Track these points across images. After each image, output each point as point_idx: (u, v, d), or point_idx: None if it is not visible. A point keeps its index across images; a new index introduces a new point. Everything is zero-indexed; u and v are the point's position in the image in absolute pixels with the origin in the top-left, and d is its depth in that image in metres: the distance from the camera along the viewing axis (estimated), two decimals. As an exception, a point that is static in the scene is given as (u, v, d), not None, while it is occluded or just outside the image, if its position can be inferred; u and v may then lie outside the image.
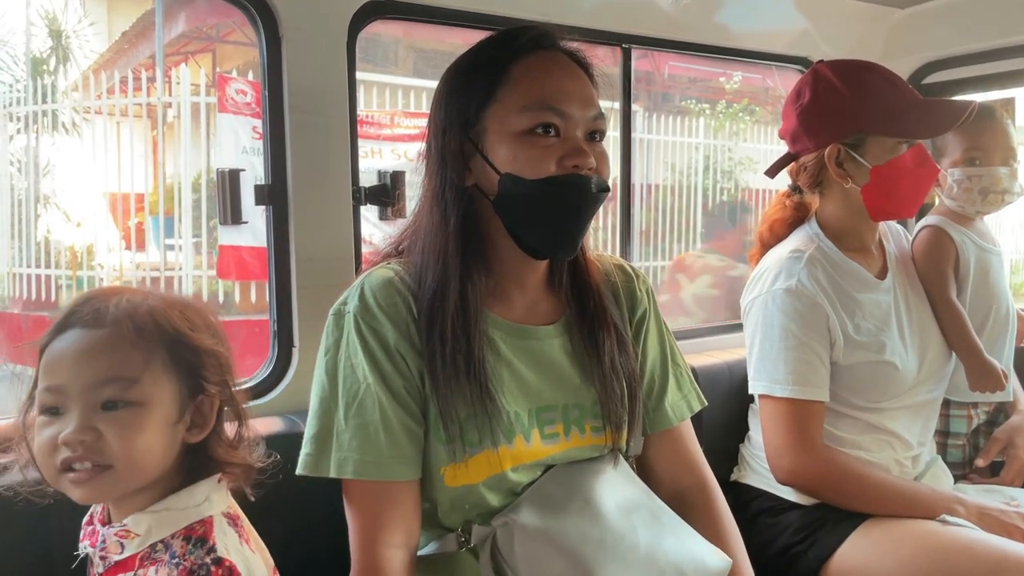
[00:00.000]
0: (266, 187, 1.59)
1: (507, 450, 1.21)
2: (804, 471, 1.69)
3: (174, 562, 1.00)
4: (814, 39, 2.35)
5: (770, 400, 1.71)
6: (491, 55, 1.23)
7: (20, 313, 7.73)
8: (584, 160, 1.18)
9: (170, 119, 7.54)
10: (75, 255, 7.77)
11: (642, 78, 9.61)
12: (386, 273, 1.24)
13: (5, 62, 8.65)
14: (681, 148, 9.07)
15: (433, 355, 1.19)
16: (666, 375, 1.42)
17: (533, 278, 1.30)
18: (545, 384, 1.27)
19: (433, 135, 1.24)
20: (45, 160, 8.03)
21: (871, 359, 1.72)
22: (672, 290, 8.16)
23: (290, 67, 1.56)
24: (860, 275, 1.78)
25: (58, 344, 1.01)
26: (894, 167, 1.70)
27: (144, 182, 7.53)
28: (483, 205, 1.23)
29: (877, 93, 1.70)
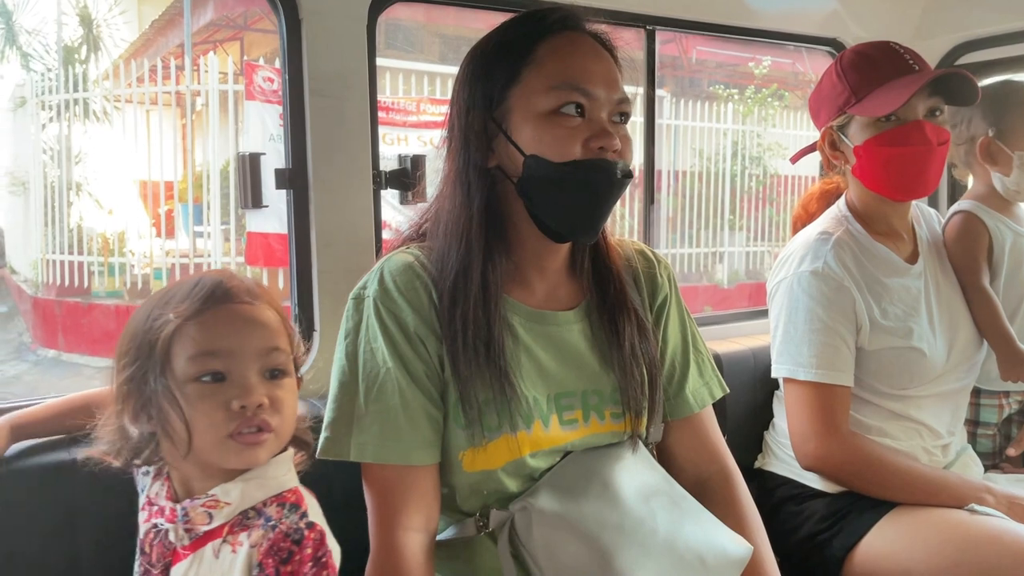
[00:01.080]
0: (287, 171, 1.59)
1: (525, 435, 1.20)
2: (829, 457, 1.66)
3: (270, 524, 1.02)
4: (844, 20, 2.30)
5: (794, 384, 1.69)
6: (516, 35, 1.22)
7: (54, 299, 7.87)
8: (610, 142, 1.16)
9: (199, 107, 7.61)
10: (107, 242, 7.87)
11: (669, 63, 9.56)
12: (406, 257, 1.23)
13: (37, 52, 8.79)
14: (709, 134, 8.99)
15: (454, 339, 1.18)
16: (687, 361, 1.41)
17: (553, 262, 1.29)
18: (564, 370, 1.27)
19: (456, 116, 1.23)
20: (77, 148, 8.14)
21: (897, 345, 1.69)
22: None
23: (310, 51, 1.56)
24: (889, 259, 1.75)
25: (218, 314, 1.03)
26: (873, 146, 1.67)
27: (173, 170, 7.60)
28: (505, 187, 1.22)
29: (859, 72, 1.69)
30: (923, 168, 1.67)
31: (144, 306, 1.07)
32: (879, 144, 1.66)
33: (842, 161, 1.76)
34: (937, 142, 1.65)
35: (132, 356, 1.03)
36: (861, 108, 1.66)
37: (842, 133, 1.73)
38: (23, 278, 8.98)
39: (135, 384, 1.02)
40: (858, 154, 1.70)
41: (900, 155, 1.65)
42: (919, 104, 1.63)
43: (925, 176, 1.68)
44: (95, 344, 7.57)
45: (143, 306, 1.07)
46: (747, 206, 9.29)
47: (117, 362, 1.05)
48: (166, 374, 1.00)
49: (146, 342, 1.02)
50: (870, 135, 1.67)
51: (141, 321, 1.04)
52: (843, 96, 1.70)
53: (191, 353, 1.00)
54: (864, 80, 1.67)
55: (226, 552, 1.01)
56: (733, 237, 9.28)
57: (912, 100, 1.61)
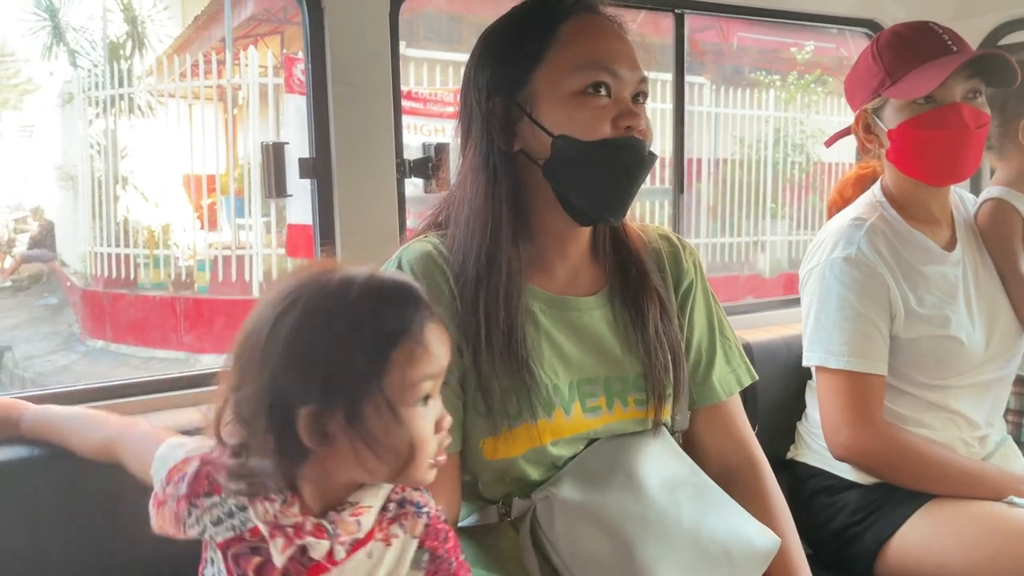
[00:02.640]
0: (310, 160, 1.60)
1: (546, 423, 1.19)
2: (862, 447, 1.63)
3: (423, 510, 1.02)
4: (882, 1, 2.24)
5: (826, 373, 1.66)
6: (536, 17, 1.21)
7: (102, 291, 8.06)
8: (636, 121, 1.17)
9: (240, 101, 7.71)
10: (152, 234, 8.03)
11: (711, 50, 9.44)
12: (424, 246, 1.23)
13: (84, 48, 8.98)
14: (751, 121, 8.87)
15: (476, 326, 1.17)
16: (713, 348, 1.38)
17: (576, 247, 1.28)
18: (586, 356, 1.25)
19: (475, 101, 1.21)
20: (123, 143, 8.31)
21: (935, 333, 1.65)
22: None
23: (333, 41, 1.56)
24: (926, 246, 1.70)
25: (434, 327, 0.94)
26: (907, 130, 1.63)
27: (216, 163, 7.72)
28: (530, 171, 1.21)
29: (895, 53, 1.64)
30: (960, 152, 1.62)
31: (320, 308, 0.89)
32: (914, 127, 1.62)
33: (876, 145, 1.72)
34: (975, 125, 1.60)
35: (336, 362, 0.88)
36: (896, 90, 1.62)
37: (877, 116, 1.69)
38: (73, 270, 9.21)
39: (329, 398, 0.88)
40: (892, 138, 1.66)
41: (936, 139, 1.61)
42: (956, 86, 1.59)
43: (962, 161, 1.63)
44: (141, 334, 7.75)
45: (318, 309, 0.89)
46: (790, 194, 9.16)
47: (288, 370, 0.88)
48: (380, 393, 0.89)
49: (358, 356, 0.89)
50: (905, 118, 1.63)
51: (346, 325, 0.89)
52: (878, 78, 1.65)
53: (420, 374, 0.92)
54: (900, 61, 1.63)
55: (378, 549, 0.99)
56: (775, 226, 9.15)
57: (949, 82, 1.56)
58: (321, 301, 0.89)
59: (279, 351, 0.88)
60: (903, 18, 1.94)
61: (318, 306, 0.89)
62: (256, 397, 0.89)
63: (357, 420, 0.88)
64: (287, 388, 0.88)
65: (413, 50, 7.07)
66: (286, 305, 0.90)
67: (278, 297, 0.91)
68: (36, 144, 11.92)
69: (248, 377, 0.90)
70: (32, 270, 10.36)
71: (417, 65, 6.92)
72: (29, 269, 10.36)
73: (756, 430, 1.85)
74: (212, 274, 7.64)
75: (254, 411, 0.90)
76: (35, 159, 11.47)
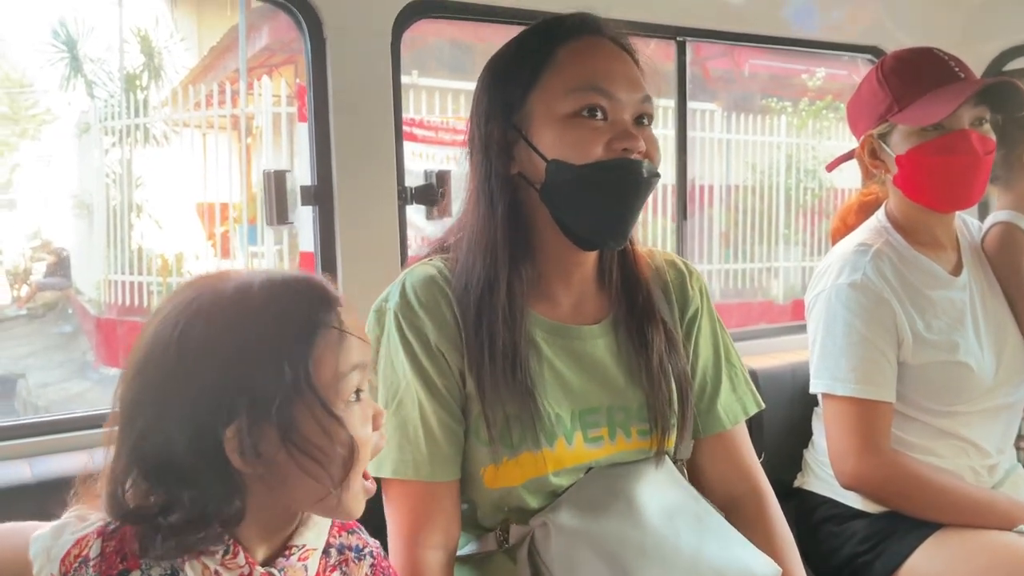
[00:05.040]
0: (312, 188, 1.61)
1: (548, 453, 1.18)
2: (869, 475, 1.61)
3: (365, 552, 0.97)
4: (885, 27, 2.25)
5: (833, 400, 1.64)
6: (534, 42, 1.21)
7: (116, 318, 8.10)
8: (634, 143, 1.15)
9: (254, 130, 7.78)
10: (165, 262, 8.09)
11: (721, 77, 9.46)
12: (428, 270, 1.23)
13: (101, 79, 9.11)
14: (762, 147, 8.87)
15: (478, 352, 1.17)
16: (719, 376, 1.37)
17: (580, 273, 1.27)
18: (588, 385, 1.24)
19: (476, 125, 1.22)
20: (138, 172, 8.40)
21: (943, 359, 1.63)
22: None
23: (334, 69, 1.58)
24: (932, 271, 1.69)
25: (349, 317, 0.87)
26: (917, 156, 1.62)
27: (229, 192, 7.78)
28: (529, 195, 1.20)
29: (901, 79, 1.64)
30: (969, 178, 1.62)
31: (218, 320, 0.81)
32: (924, 154, 1.61)
33: (882, 170, 1.71)
34: (983, 151, 1.60)
35: (244, 377, 0.80)
36: (905, 116, 1.62)
37: (883, 141, 1.68)
38: (87, 298, 9.27)
39: (255, 411, 0.80)
40: (901, 164, 1.65)
41: (946, 165, 1.61)
42: (964, 113, 1.59)
43: (971, 186, 1.63)
44: (154, 362, 7.75)
45: (217, 320, 0.81)
46: (802, 220, 9.13)
47: (194, 390, 0.79)
48: (313, 393, 0.82)
49: (278, 362, 0.81)
50: (914, 144, 1.62)
51: (246, 336, 0.81)
52: (885, 103, 1.65)
53: (348, 363, 0.84)
54: (907, 87, 1.63)
55: None
56: (788, 252, 9.11)
57: (958, 109, 1.56)
58: (225, 309, 0.81)
59: (187, 372, 0.79)
60: (908, 44, 1.93)
61: (221, 316, 0.81)
62: (167, 432, 0.79)
63: (291, 428, 0.80)
64: (206, 410, 0.79)
65: (425, 79, 7.12)
66: (184, 323, 0.81)
67: (172, 316, 0.82)
68: (53, 173, 12.06)
69: (151, 412, 0.80)
70: (48, 298, 10.44)
71: (429, 94, 6.97)
72: (45, 297, 10.44)
73: (762, 458, 1.84)
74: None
75: (168, 449, 0.79)
76: (52, 188, 11.60)
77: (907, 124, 1.62)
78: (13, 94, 13.81)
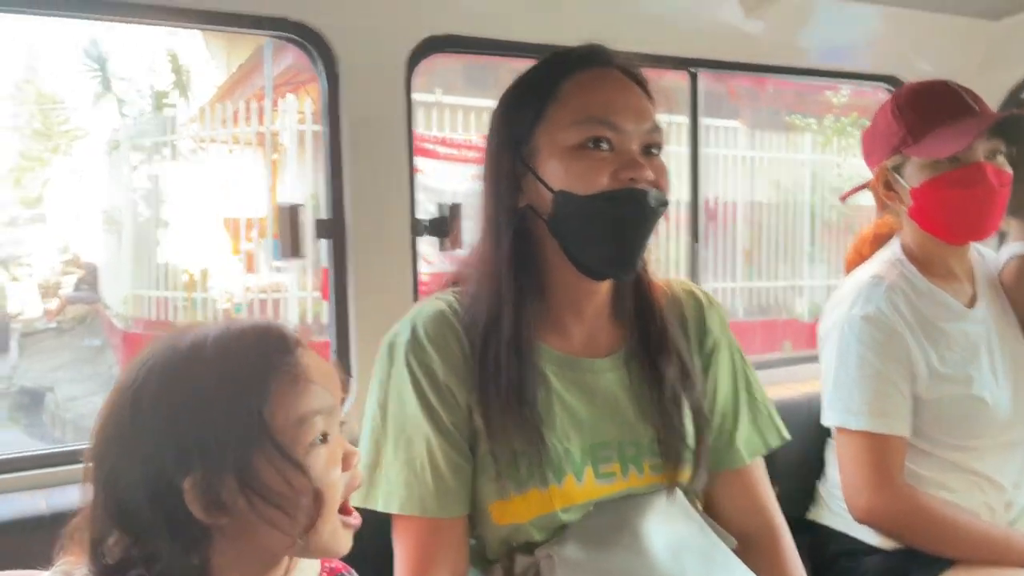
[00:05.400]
0: (326, 221, 1.63)
1: (556, 490, 1.18)
2: (883, 510, 1.59)
3: None
4: (903, 56, 2.24)
5: (846, 433, 1.63)
6: (542, 75, 1.22)
7: (142, 333, 8.20)
8: (640, 172, 1.14)
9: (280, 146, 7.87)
10: (191, 277, 8.18)
11: (745, 94, 9.43)
12: (437, 305, 1.23)
13: (132, 98, 9.27)
14: (787, 165, 8.83)
15: (485, 386, 1.17)
16: (738, 409, 1.35)
17: (592, 305, 1.26)
18: (600, 420, 1.23)
19: (487, 158, 1.24)
20: (165, 188, 8.52)
21: (958, 393, 1.62)
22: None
23: (348, 103, 1.60)
24: (946, 303, 1.68)
25: (312, 361, 0.87)
26: (931, 189, 1.62)
27: (254, 207, 7.86)
28: (538, 227, 1.21)
29: (916, 112, 1.64)
30: (984, 211, 1.61)
31: (180, 373, 0.83)
32: (939, 186, 1.61)
33: (896, 202, 1.70)
34: (999, 184, 1.60)
35: (201, 433, 0.81)
36: (919, 149, 1.62)
37: (897, 173, 1.67)
38: (114, 312, 9.40)
39: (211, 461, 0.81)
40: (915, 196, 1.64)
41: (961, 198, 1.60)
42: (979, 145, 1.58)
43: (986, 219, 1.62)
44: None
45: (175, 374, 0.83)
46: (828, 238, 9.06)
47: (154, 446, 0.81)
48: (270, 442, 0.82)
49: (232, 412, 0.81)
50: (928, 176, 1.62)
51: (204, 388, 0.82)
52: (899, 135, 1.65)
53: (307, 408, 0.85)
54: (922, 120, 1.63)
55: None
56: (814, 270, 9.04)
57: (973, 142, 1.56)
58: (178, 364, 0.83)
59: (145, 427, 0.81)
60: (927, 73, 1.93)
61: (175, 369, 0.83)
62: (129, 485, 0.81)
63: (250, 477, 0.81)
64: (163, 462, 0.80)
65: (448, 97, 7.16)
66: (141, 378, 0.83)
67: (131, 374, 0.84)
68: (84, 189, 12.26)
69: (112, 466, 0.82)
70: (77, 312, 10.59)
71: (452, 112, 7.02)
72: (74, 311, 10.59)
73: (777, 490, 1.82)
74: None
75: (132, 501, 0.81)
76: (82, 203, 11.78)
77: (921, 157, 1.62)
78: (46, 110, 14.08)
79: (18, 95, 14.56)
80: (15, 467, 1.42)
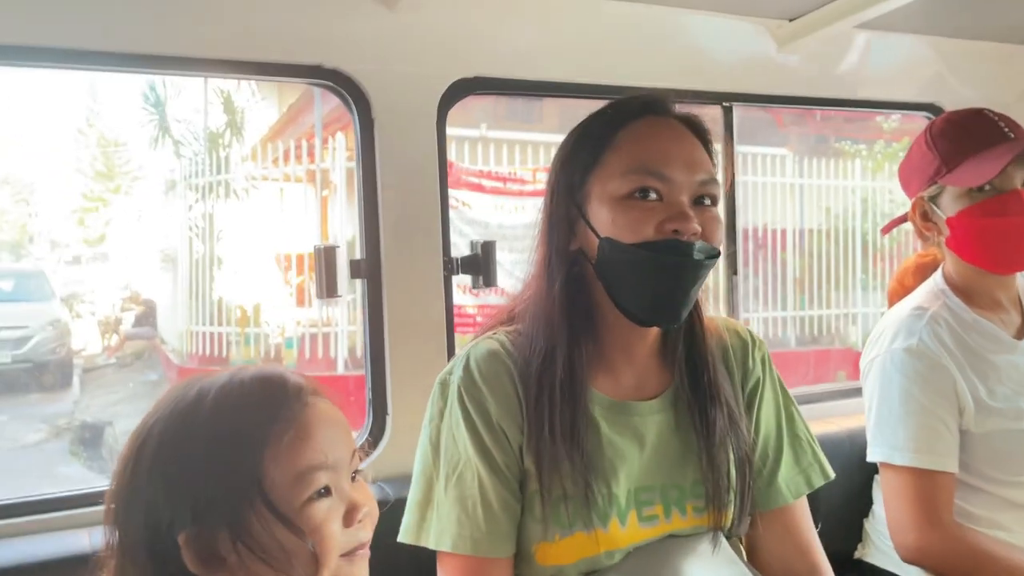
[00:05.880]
0: (361, 261, 1.66)
1: (602, 534, 1.18)
2: (931, 549, 1.55)
3: None
4: (943, 84, 2.22)
5: (891, 469, 1.59)
6: (600, 123, 1.25)
7: (197, 368, 8.36)
8: (686, 225, 1.14)
9: (331, 183, 8.01)
10: (244, 313, 8.34)
11: (793, 122, 9.35)
12: (491, 344, 1.25)
13: (186, 138, 9.54)
14: (837, 191, 8.70)
15: (538, 428, 1.18)
16: (781, 448, 1.34)
17: (642, 347, 1.27)
18: (645, 463, 1.24)
19: (547, 200, 1.26)
20: (220, 226, 8.73)
21: (1009, 427, 1.58)
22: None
23: (382, 147, 1.64)
24: (994, 335, 1.64)
25: (317, 413, 0.88)
26: (967, 218, 1.59)
27: (305, 243, 8.00)
28: (588, 271, 1.22)
29: (949, 141, 1.62)
30: (1023, 239, 1.58)
31: (187, 426, 0.85)
32: (974, 216, 1.58)
33: (935, 232, 1.68)
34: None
35: (198, 494, 0.82)
36: (953, 178, 1.59)
37: (934, 204, 1.65)
38: (171, 348, 9.60)
39: (204, 517, 0.82)
40: (952, 225, 1.62)
41: (997, 226, 1.57)
42: (1016, 173, 1.56)
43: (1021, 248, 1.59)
44: (233, 411, 7.96)
45: (183, 426, 0.85)
46: (881, 265, 8.88)
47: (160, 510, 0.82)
48: (261, 499, 0.83)
49: (225, 468, 0.82)
50: (963, 206, 1.60)
51: (206, 442, 0.84)
52: (933, 166, 1.63)
53: (304, 464, 0.84)
54: (955, 149, 1.61)
55: None
56: (867, 297, 8.86)
57: (1009, 169, 1.53)
58: (175, 421, 0.84)
59: (145, 479, 0.83)
60: (968, 100, 1.90)
61: (174, 424, 0.84)
62: (135, 529, 0.84)
63: (243, 533, 0.81)
64: (159, 515, 0.82)
65: (493, 131, 7.24)
66: (147, 430, 0.85)
67: (143, 422, 0.86)
68: (143, 228, 12.61)
69: (124, 512, 0.85)
70: (135, 347, 10.84)
71: (496, 146, 7.09)
72: (133, 346, 10.84)
73: (819, 527, 1.78)
74: (299, 351, 7.86)
75: (136, 547, 0.84)
76: (141, 242, 12.11)
77: (955, 186, 1.60)
78: (108, 152, 14.55)
79: (82, 138, 15.09)
80: (59, 506, 1.46)
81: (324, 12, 1.59)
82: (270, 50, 1.57)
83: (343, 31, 1.61)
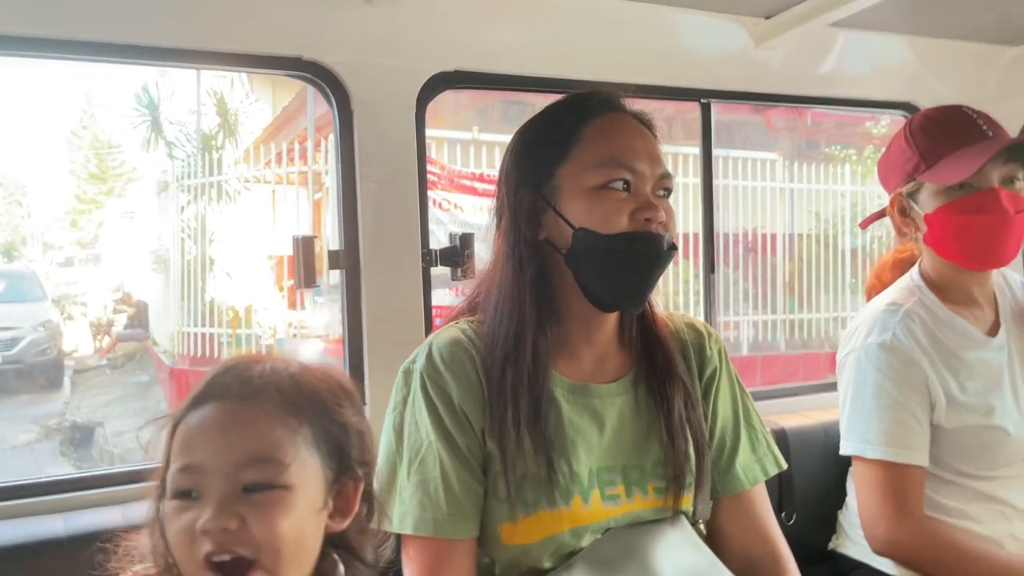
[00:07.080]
0: (339, 252, 1.68)
1: (564, 511, 1.20)
2: (902, 541, 1.57)
3: None
4: (919, 83, 2.23)
5: (863, 463, 1.61)
6: (562, 118, 1.29)
7: (188, 369, 8.36)
8: (655, 214, 1.21)
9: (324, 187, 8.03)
10: (236, 314, 8.34)
11: (784, 127, 9.39)
12: (454, 332, 1.28)
13: (179, 140, 9.55)
14: (826, 196, 8.74)
15: (501, 411, 1.21)
16: (738, 436, 1.38)
17: (601, 333, 1.30)
18: (607, 443, 1.26)
19: (506, 193, 1.29)
20: (211, 227, 8.73)
21: (979, 423, 1.59)
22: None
23: (361, 139, 1.65)
24: (966, 331, 1.65)
25: (196, 418, 0.88)
26: (944, 215, 1.61)
27: (297, 245, 8.00)
28: (554, 259, 1.26)
29: (928, 138, 1.63)
30: (999, 237, 1.59)
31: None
32: (951, 213, 1.60)
33: (912, 228, 1.69)
34: (1014, 210, 1.57)
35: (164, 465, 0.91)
36: (931, 175, 1.61)
37: (912, 200, 1.67)
38: (162, 349, 9.60)
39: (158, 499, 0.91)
40: (929, 222, 1.64)
41: (974, 224, 1.59)
42: (994, 171, 1.57)
43: (1002, 245, 1.60)
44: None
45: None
46: (870, 269, 8.90)
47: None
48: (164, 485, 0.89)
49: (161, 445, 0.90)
50: (941, 203, 1.61)
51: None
52: (912, 162, 1.64)
53: (172, 468, 0.88)
54: (934, 146, 1.62)
55: None
56: (856, 301, 8.89)
57: (986, 167, 1.54)
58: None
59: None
60: (943, 98, 1.92)
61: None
62: None
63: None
64: None
65: (485, 134, 7.26)
66: None
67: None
68: (135, 229, 12.61)
69: None
70: (127, 349, 10.83)
71: (488, 148, 7.10)
72: (124, 348, 10.84)
73: (794, 519, 1.80)
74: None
75: None
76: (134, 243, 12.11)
77: (933, 183, 1.61)
78: (102, 154, 14.56)
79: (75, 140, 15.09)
80: (36, 492, 1.48)
81: (304, 4, 1.60)
82: (249, 42, 1.58)
83: (322, 23, 1.62)
